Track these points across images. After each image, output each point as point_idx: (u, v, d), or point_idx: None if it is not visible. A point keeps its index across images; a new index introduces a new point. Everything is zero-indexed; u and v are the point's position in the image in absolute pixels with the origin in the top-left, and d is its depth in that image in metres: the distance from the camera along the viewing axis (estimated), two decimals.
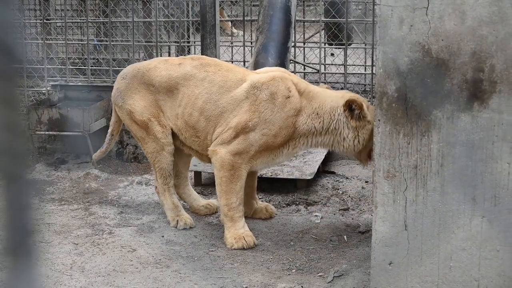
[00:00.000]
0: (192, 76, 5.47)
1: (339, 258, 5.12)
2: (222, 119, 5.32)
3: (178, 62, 5.63)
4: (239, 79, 5.37)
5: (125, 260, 5.03)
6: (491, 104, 3.74)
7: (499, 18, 3.67)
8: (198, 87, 5.43)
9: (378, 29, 3.86)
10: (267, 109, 5.20)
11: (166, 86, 5.53)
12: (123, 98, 5.68)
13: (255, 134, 5.20)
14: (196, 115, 5.41)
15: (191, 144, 5.56)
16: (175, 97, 5.51)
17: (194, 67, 5.51)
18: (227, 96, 5.34)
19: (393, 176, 3.95)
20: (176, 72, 5.52)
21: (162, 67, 5.58)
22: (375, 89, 4.03)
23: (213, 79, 5.42)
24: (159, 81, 5.54)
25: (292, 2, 6.77)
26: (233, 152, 5.23)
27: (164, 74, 5.54)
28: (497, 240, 3.85)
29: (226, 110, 5.32)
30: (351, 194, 6.34)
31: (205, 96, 5.39)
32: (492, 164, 3.79)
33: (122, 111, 5.72)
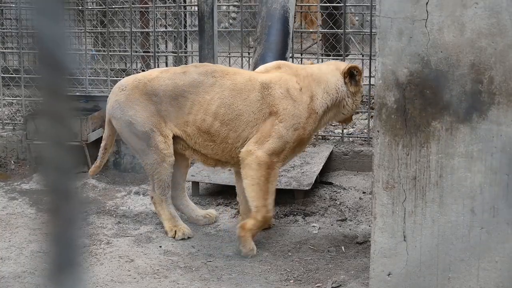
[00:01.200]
0: (200, 83, 5.48)
1: (337, 268, 5.12)
2: (239, 121, 5.41)
3: (181, 70, 5.62)
4: (247, 80, 5.47)
5: (123, 270, 5.03)
6: (490, 115, 3.76)
7: (498, 30, 3.68)
8: (209, 93, 5.45)
9: (377, 41, 3.87)
10: (289, 105, 5.36)
11: (171, 95, 5.50)
12: (122, 109, 5.60)
13: (287, 131, 5.34)
14: (209, 120, 5.44)
15: (201, 148, 5.56)
16: (182, 105, 5.50)
17: (200, 74, 5.52)
18: (240, 98, 5.43)
19: (392, 187, 3.96)
20: (182, 80, 5.51)
21: (166, 76, 5.56)
22: (374, 100, 4.04)
23: (222, 83, 5.46)
24: (164, 90, 5.51)
25: (290, 13, 6.79)
26: (270, 152, 5.33)
27: (168, 83, 5.52)
28: (496, 251, 3.86)
29: (243, 112, 5.41)
30: (348, 205, 6.34)
31: (217, 101, 5.43)
32: (491, 175, 3.80)
33: (121, 123, 5.65)
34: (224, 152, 5.52)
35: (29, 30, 9.79)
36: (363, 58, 8.86)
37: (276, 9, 6.69)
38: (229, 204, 6.34)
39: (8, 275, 4.93)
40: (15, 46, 9.51)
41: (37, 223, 6.00)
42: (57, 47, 1.39)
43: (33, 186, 7.04)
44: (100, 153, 5.97)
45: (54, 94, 1.42)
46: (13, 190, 6.96)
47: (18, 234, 5.72)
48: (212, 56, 7.18)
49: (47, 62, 1.40)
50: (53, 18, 1.38)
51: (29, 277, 4.89)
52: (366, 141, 7.40)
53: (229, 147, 5.48)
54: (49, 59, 1.40)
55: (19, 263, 5.13)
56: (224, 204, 6.38)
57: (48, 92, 1.41)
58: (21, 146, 7.66)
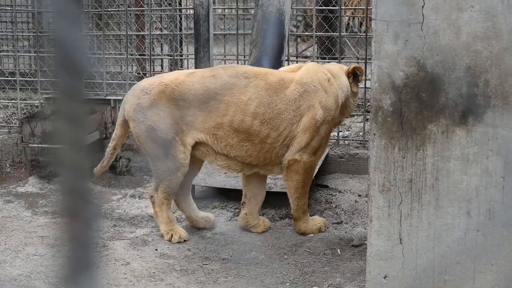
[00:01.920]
0: (233, 84, 5.49)
1: (332, 271, 5.12)
2: (280, 120, 5.50)
3: (210, 73, 5.57)
4: (280, 79, 5.57)
5: (119, 273, 5.02)
6: (486, 118, 3.77)
7: (494, 34, 3.70)
8: (244, 93, 5.48)
9: (373, 44, 3.88)
10: (323, 97, 5.54)
11: (201, 98, 5.45)
12: (145, 114, 5.48)
13: (323, 125, 5.57)
14: (248, 120, 5.47)
15: (233, 150, 5.54)
16: (215, 108, 5.46)
17: (231, 76, 5.52)
18: (278, 97, 5.51)
19: (388, 190, 3.96)
20: (213, 83, 5.48)
21: (195, 80, 5.50)
22: (370, 103, 4.05)
23: (256, 84, 5.51)
24: (193, 94, 5.45)
25: (286, 16, 6.80)
26: (312, 153, 5.60)
27: (198, 87, 5.47)
28: (492, 253, 3.87)
29: (282, 111, 5.50)
30: (344, 208, 6.34)
31: (255, 101, 5.48)
32: (487, 178, 3.81)
33: (141, 127, 5.52)
34: (260, 153, 5.55)
35: (25, 33, 9.80)
36: (358, 61, 8.87)
37: (271, 12, 6.69)
38: (225, 207, 6.35)
39: (4, 278, 4.92)
40: (11, 49, 9.50)
41: (32, 226, 6.00)
42: (74, 50, 1.40)
43: (28, 189, 7.04)
44: (108, 154, 5.84)
45: (71, 97, 1.42)
46: (9, 193, 6.95)
47: (13, 237, 5.71)
48: (207, 59, 7.18)
49: (64, 64, 1.40)
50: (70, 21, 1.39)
51: (25, 280, 4.89)
52: (361, 144, 7.41)
53: (266, 147, 5.53)
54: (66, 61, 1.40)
55: (15, 266, 5.12)
56: (220, 207, 6.38)
57: (65, 94, 1.42)
58: (16, 149, 7.65)
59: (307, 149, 5.55)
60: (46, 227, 5.95)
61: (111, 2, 9.30)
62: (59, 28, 1.38)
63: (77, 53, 1.40)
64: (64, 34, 1.39)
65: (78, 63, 1.41)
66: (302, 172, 5.60)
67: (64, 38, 1.39)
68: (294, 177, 5.62)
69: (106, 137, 7.45)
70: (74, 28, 1.39)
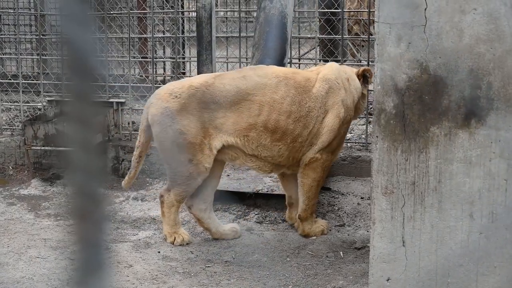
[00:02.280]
0: (264, 84, 5.48)
1: (335, 274, 5.12)
2: (310, 118, 5.54)
3: (239, 75, 5.55)
4: (307, 78, 5.63)
5: (122, 276, 5.02)
6: (489, 121, 3.77)
7: (496, 36, 3.70)
8: (277, 92, 5.49)
9: (376, 46, 3.88)
10: (344, 96, 5.67)
11: (233, 100, 5.41)
12: (174, 118, 5.36)
13: (343, 125, 5.67)
14: (283, 119, 5.49)
15: (265, 151, 5.53)
16: (245, 109, 5.43)
17: (262, 76, 5.53)
18: (307, 95, 5.56)
19: (391, 193, 3.96)
20: (244, 84, 5.46)
21: (225, 82, 5.46)
22: (373, 106, 4.05)
23: (286, 82, 5.53)
24: (225, 96, 5.40)
25: (288, 19, 6.80)
26: (331, 151, 5.68)
27: (230, 88, 5.43)
28: (495, 256, 3.87)
29: (312, 108, 5.55)
30: (346, 210, 6.34)
31: (287, 99, 5.50)
32: (490, 180, 3.81)
33: (167, 132, 5.40)
34: (291, 152, 5.59)
35: (27, 36, 9.81)
36: (361, 64, 8.87)
37: (274, 15, 6.70)
38: (228, 210, 6.35)
39: (7, 281, 4.92)
40: (13, 52, 9.51)
41: (35, 229, 6.00)
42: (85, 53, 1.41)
43: (31, 192, 7.04)
44: (134, 163, 5.71)
45: (82, 99, 1.43)
46: (12, 195, 6.96)
47: (16, 240, 5.72)
48: (210, 62, 7.19)
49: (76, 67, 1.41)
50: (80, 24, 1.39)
51: (28, 283, 4.89)
52: (364, 147, 7.41)
53: (297, 146, 5.57)
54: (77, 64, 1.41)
55: (18, 269, 5.12)
56: (222, 209, 6.38)
57: (76, 96, 1.42)
58: (19, 152, 7.65)
59: (328, 148, 5.62)
60: (49, 230, 5.96)
61: (114, 4, 9.31)
62: (69, 30, 1.38)
63: (87, 55, 1.41)
64: (74, 36, 1.39)
65: (89, 65, 1.41)
66: (319, 170, 5.65)
67: (74, 40, 1.39)
68: (311, 174, 5.65)
69: (109, 139, 7.45)
70: (84, 30, 1.40)
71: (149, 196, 6.80)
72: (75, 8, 1.38)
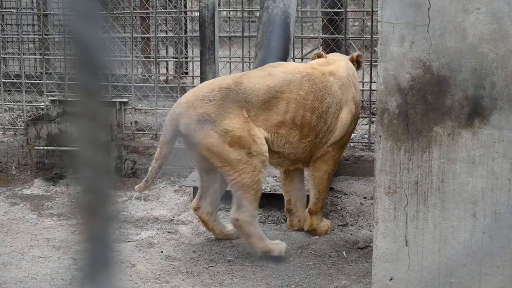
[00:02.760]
0: (290, 81, 5.45)
1: (338, 273, 5.12)
2: (329, 113, 5.58)
3: (265, 72, 5.48)
4: (323, 74, 5.63)
5: (125, 275, 5.03)
6: (492, 120, 3.76)
7: (500, 36, 3.69)
8: (301, 89, 5.47)
9: (379, 46, 3.88)
10: (354, 92, 5.79)
11: (263, 98, 5.33)
12: (213, 120, 5.16)
13: (352, 121, 5.76)
14: (308, 115, 5.48)
15: (290, 148, 5.50)
16: (274, 106, 5.39)
17: (286, 72, 5.50)
18: (326, 90, 5.57)
19: (394, 192, 3.96)
20: (273, 81, 5.40)
21: (254, 80, 5.37)
22: (376, 105, 4.05)
23: (309, 78, 5.53)
24: (256, 94, 5.30)
25: (291, 18, 6.80)
26: (341, 146, 5.78)
27: (259, 87, 5.34)
28: (498, 256, 3.87)
29: (330, 104, 5.58)
30: (349, 210, 6.34)
31: (311, 95, 5.49)
32: (493, 180, 3.81)
33: (212, 135, 5.17)
34: (312, 149, 5.64)
35: (30, 36, 9.82)
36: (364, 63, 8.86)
37: (277, 15, 6.70)
38: (230, 209, 6.34)
39: (10, 280, 4.93)
40: (16, 52, 9.52)
41: (38, 229, 6.00)
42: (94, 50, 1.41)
43: (34, 192, 7.05)
44: (152, 174, 5.50)
45: (91, 97, 1.43)
46: (14, 195, 6.97)
47: (19, 240, 5.72)
48: (213, 61, 7.19)
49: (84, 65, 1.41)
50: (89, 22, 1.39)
51: (31, 282, 4.89)
52: (367, 147, 7.41)
53: (317, 141, 5.62)
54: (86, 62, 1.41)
55: (21, 268, 5.13)
56: (225, 209, 6.38)
57: (86, 94, 1.42)
58: (22, 152, 7.66)
59: (339, 142, 5.71)
60: (51, 229, 5.96)
61: (117, 4, 9.32)
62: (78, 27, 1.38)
63: (96, 52, 1.41)
64: (83, 33, 1.39)
65: (97, 62, 1.41)
66: (330, 162, 5.72)
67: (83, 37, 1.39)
68: (322, 167, 5.71)
69: (112, 139, 7.46)
70: (94, 28, 1.40)
71: (152, 196, 6.80)
72: (84, 5, 1.38)
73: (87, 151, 1.46)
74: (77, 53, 1.41)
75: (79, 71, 1.42)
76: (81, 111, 1.45)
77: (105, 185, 1.48)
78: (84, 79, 1.42)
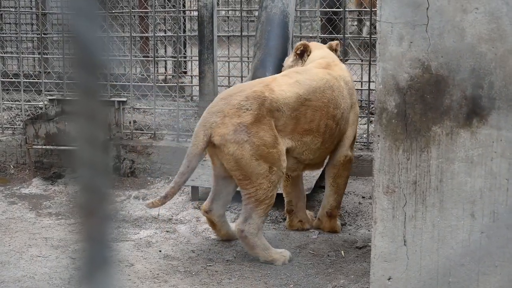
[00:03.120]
0: (315, 88, 5.38)
1: (336, 273, 5.12)
2: (343, 119, 5.59)
3: (291, 80, 5.36)
4: (335, 78, 5.60)
5: (123, 274, 5.02)
6: (490, 120, 3.77)
7: (498, 36, 3.70)
8: (325, 96, 5.43)
9: (378, 46, 3.88)
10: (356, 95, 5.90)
11: (293, 106, 5.23)
12: (249, 131, 5.02)
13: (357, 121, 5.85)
14: (331, 123, 5.46)
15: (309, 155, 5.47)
16: (302, 115, 5.30)
17: (311, 79, 5.43)
18: (340, 97, 5.56)
19: (392, 192, 3.96)
20: (301, 89, 5.31)
21: (284, 88, 5.25)
22: (374, 105, 4.06)
23: (329, 85, 5.49)
24: (287, 103, 5.20)
25: (290, 18, 6.80)
26: (353, 148, 5.85)
27: (289, 95, 5.23)
28: (496, 255, 3.87)
29: (344, 110, 5.59)
30: (348, 210, 6.34)
31: (332, 102, 5.46)
32: (491, 180, 3.81)
33: (245, 147, 5.02)
34: (326, 153, 5.68)
35: (29, 35, 9.81)
36: (362, 63, 8.88)
37: (275, 14, 6.70)
38: (229, 209, 6.34)
39: (8, 279, 4.93)
40: (15, 51, 9.52)
41: (36, 228, 6.00)
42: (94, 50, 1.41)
43: (32, 191, 7.04)
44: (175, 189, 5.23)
45: (90, 96, 1.43)
46: (13, 194, 6.96)
47: (17, 239, 5.72)
48: (211, 61, 7.19)
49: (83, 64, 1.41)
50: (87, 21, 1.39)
51: (29, 281, 4.89)
52: (365, 146, 7.41)
53: (331, 147, 5.67)
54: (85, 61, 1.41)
55: (19, 268, 5.13)
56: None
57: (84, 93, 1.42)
58: (20, 151, 7.66)
59: (352, 146, 5.78)
60: (50, 229, 5.96)
61: (115, 3, 9.31)
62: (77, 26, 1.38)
63: (95, 52, 1.41)
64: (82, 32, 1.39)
65: (97, 61, 1.41)
66: (349, 166, 5.81)
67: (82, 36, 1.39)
68: (345, 173, 5.77)
69: (110, 138, 7.45)
70: (93, 27, 1.40)
71: (150, 195, 6.80)
72: (83, 4, 1.38)
73: (85, 150, 1.46)
74: (75, 52, 1.41)
75: (77, 70, 1.42)
76: (79, 110, 1.45)
77: (103, 184, 1.48)
78: (82, 78, 1.42)
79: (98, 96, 1.44)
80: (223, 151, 5.06)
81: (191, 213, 6.16)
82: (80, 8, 1.38)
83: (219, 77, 8.20)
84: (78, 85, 1.42)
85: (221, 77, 8.59)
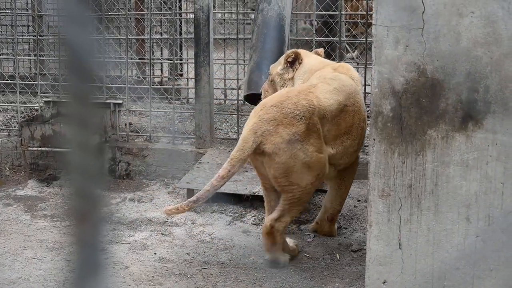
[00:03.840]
0: (349, 94, 5.38)
1: (332, 276, 5.12)
2: (364, 122, 5.57)
3: (330, 88, 5.33)
4: (356, 83, 5.59)
5: (118, 277, 5.02)
6: (486, 124, 3.77)
7: (494, 39, 3.70)
8: (357, 100, 5.46)
9: (373, 49, 3.89)
10: None
11: (336, 113, 5.26)
12: (302, 141, 5.01)
13: None
14: (363, 125, 5.50)
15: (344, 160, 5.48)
16: (342, 120, 5.32)
17: (345, 85, 5.41)
18: (360, 98, 5.56)
19: (387, 195, 3.97)
20: (341, 96, 5.32)
21: (327, 96, 5.24)
22: (370, 109, 4.06)
23: (356, 90, 5.52)
24: (331, 110, 5.22)
25: (286, 21, 6.81)
26: None
27: (333, 102, 5.24)
28: (491, 259, 3.87)
29: (362, 111, 5.54)
30: (343, 213, 6.34)
31: (362, 105, 5.51)
32: (486, 184, 3.82)
33: (298, 156, 5.00)
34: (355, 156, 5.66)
35: (25, 37, 9.80)
36: (358, 66, 8.88)
37: (272, 17, 6.70)
38: (224, 211, 6.34)
39: (3, 282, 4.92)
40: (11, 52, 9.51)
41: (31, 230, 5.99)
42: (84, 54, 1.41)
43: (27, 193, 7.03)
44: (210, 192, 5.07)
45: (81, 100, 1.43)
46: (8, 196, 6.95)
47: (12, 241, 5.71)
48: (207, 64, 7.19)
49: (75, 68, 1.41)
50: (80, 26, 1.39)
51: (24, 284, 4.89)
52: (361, 149, 7.41)
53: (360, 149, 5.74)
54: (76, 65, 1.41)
55: (14, 270, 5.12)
56: (219, 211, 6.37)
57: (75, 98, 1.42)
58: (16, 153, 7.64)
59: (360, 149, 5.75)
60: (45, 231, 5.95)
61: (112, 6, 9.31)
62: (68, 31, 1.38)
63: (86, 55, 1.41)
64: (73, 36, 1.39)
65: (87, 66, 1.41)
66: (356, 170, 5.76)
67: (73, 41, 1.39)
68: (352, 176, 5.75)
69: (105, 140, 7.45)
70: (82, 31, 1.40)
71: (146, 197, 6.79)
72: (74, 8, 1.38)
73: (77, 155, 1.46)
74: (68, 56, 1.41)
75: (68, 74, 1.42)
76: (71, 115, 1.45)
77: (95, 189, 1.48)
78: (74, 82, 1.42)
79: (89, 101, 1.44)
80: (274, 159, 4.99)
81: (186, 216, 6.15)
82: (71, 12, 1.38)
83: (215, 79, 8.20)
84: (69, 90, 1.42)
85: (217, 80, 8.60)
